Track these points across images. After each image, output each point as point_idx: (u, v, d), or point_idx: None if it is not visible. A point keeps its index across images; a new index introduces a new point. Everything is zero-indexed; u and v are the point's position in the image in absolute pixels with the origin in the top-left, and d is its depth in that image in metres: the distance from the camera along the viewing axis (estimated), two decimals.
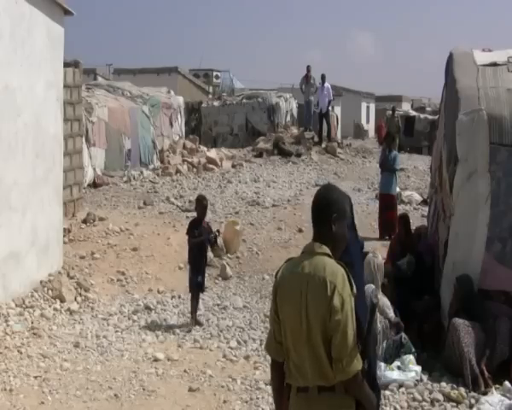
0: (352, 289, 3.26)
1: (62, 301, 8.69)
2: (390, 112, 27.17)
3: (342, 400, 3.30)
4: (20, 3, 8.34)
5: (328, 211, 3.35)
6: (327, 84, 22.99)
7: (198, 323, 8.34)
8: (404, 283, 7.98)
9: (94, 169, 16.18)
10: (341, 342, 3.20)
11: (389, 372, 6.66)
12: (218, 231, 9.18)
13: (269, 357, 3.70)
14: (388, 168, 12.85)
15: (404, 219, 9.72)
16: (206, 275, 10.61)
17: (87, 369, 6.88)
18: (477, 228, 7.10)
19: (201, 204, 8.64)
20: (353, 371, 3.22)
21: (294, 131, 24.48)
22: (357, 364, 3.23)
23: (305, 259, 3.35)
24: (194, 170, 18.79)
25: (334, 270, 3.25)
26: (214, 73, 40.68)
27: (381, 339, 7.10)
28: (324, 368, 3.27)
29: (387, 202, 12.76)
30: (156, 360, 7.16)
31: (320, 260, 3.30)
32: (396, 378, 6.58)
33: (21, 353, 7.12)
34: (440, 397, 6.29)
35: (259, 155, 21.36)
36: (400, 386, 6.51)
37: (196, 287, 8.55)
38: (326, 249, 3.33)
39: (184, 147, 20.97)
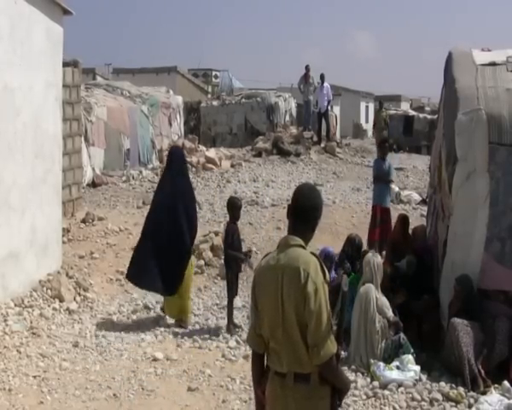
0: (324, 277, 3.48)
1: (61, 300, 8.69)
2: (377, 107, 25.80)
3: (317, 391, 3.50)
4: (19, 3, 8.34)
5: (313, 215, 3.63)
6: (326, 84, 22.96)
7: (229, 330, 8.11)
8: (405, 283, 7.97)
9: (93, 169, 16.18)
10: (316, 328, 3.40)
11: (388, 372, 6.67)
12: (249, 251, 8.83)
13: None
14: (384, 179, 11.82)
15: (404, 219, 9.69)
16: (205, 275, 10.65)
17: (86, 369, 6.88)
18: (476, 228, 7.10)
19: (236, 206, 8.43)
20: (328, 354, 3.41)
21: (293, 130, 24.44)
22: (332, 348, 3.43)
23: (280, 252, 3.57)
24: (194, 170, 18.77)
25: (306, 259, 3.47)
26: (213, 73, 40.72)
27: (380, 339, 7.11)
28: (300, 354, 3.47)
29: (383, 215, 11.43)
30: (155, 359, 7.16)
31: (294, 251, 3.52)
32: (395, 378, 6.58)
33: (20, 352, 7.12)
34: (439, 397, 6.30)
35: (258, 155, 21.33)
36: (399, 386, 6.52)
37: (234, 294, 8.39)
38: (300, 241, 3.55)
39: (183, 146, 20.90)
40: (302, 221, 3.61)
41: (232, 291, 8.35)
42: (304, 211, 3.61)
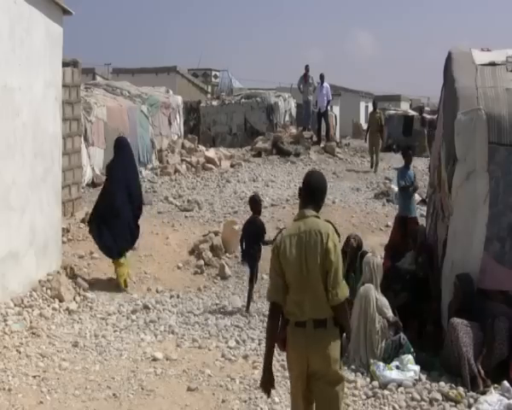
0: (339, 237, 4.49)
1: (61, 300, 8.68)
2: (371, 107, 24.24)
3: (332, 333, 4.44)
4: (18, 3, 8.33)
5: (322, 195, 4.64)
6: (326, 84, 22.97)
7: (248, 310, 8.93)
8: (409, 284, 7.95)
9: (92, 169, 16.15)
10: (335, 274, 4.37)
11: (388, 372, 6.67)
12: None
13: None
14: (413, 188, 11.28)
15: (402, 219, 9.70)
16: (205, 274, 10.66)
17: (86, 368, 6.88)
18: (476, 228, 7.10)
19: (258, 204, 9.41)
20: (344, 295, 4.41)
21: (293, 130, 24.44)
22: (346, 291, 4.44)
23: (298, 222, 4.52)
24: (193, 169, 18.77)
25: (325, 225, 4.47)
26: (213, 73, 40.66)
27: (380, 339, 7.11)
28: (320, 300, 4.38)
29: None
30: (155, 359, 7.16)
31: (312, 220, 4.48)
32: (395, 378, 6.58)
33: (20, 352, 7.12)
34: (439, 397, 6.30)
35: (258, 155, 21.33)
36: (399, 386, 6.52)
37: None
38: (315, 213, 4.52)
39: (183, 146, 20.94)
40: (313, 199, 4.56)
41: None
42: (314, 192, 4.58)
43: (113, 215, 9.49)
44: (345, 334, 4.56)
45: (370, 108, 45.34)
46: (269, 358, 4.55)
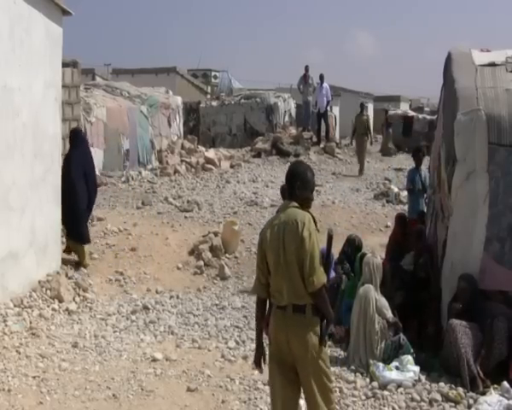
0: (316, 225, 4.65)
1: (61, 301, 8.68)
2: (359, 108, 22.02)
3: (310, 320, 4.61)
4: (18, 3, 8.33)
5: (294, 181, 4.78)
6: (325, 85, 22.99)
7: None
8: (410, 283, 7.95)
9: None
10: (311, 263, 4.53)
11: (387, 373, 6.67)
12: None
13: (267, 357, 4.87)
14: (419, 189, 11.20)
15: (402, 219, 9.70)
16: (205, 275, 10.66)
17: (85, 369, 6.87)
18: (475, 228, 7.10)
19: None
20: (321, 282, 4.54)
21: (293, 131, 24.46)
22: (323, 278, 4.57)
23: (281, 213, 4.76)
24: (193, 170, 18.77)
25: (302, 214, 4.64)
26: (212, 73, 40.67)
27: (380, 340, 7.10)
28: (298, 288, 4.58)
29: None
30: (154, 360, 7.16)
31: (292, 210, 4.68)
32: (394, 378, 6.58)
33: (20, 353, 7.11)
34: (439, 397, 6.29)
35: (258, 156, 21.35)
36: (399, 386, 6.51)
37: None
38: (295, 204, 4.70)
39: (183, 147, 20.93)
40: (291, 188, 4.78)
41: None
42: (290, 180, 4.82)
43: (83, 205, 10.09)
44: (325, 320, 4.64)
45: (371, 109, 45.44)
46: (259, 339, 4.91)
